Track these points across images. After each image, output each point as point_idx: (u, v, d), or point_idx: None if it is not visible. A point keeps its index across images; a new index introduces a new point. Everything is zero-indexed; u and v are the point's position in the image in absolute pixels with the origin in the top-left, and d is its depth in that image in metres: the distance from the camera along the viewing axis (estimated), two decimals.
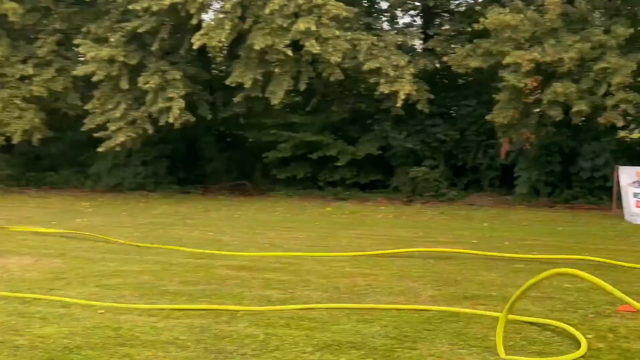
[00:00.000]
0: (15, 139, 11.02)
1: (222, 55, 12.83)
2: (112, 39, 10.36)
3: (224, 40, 9.89)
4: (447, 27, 11.51)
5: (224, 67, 12.64)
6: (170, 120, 10.14)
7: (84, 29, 10.90)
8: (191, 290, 4.70)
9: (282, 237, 7.32)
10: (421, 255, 5.99)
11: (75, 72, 10.75)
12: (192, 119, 10.55)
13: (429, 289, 4.58)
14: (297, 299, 4.31)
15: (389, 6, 11.87)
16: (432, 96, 10.66)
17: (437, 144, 11.32)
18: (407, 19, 12.66)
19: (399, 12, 12.16)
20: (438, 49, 10.83)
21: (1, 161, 12.59)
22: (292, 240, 7.07)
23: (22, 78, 11.01)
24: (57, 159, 12.56)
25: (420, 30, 12.06)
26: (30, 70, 10.92)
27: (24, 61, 11.11)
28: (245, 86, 9.97)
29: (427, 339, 3.36)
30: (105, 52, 10.19)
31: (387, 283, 4.77)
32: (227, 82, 10.25)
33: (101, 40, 10.56)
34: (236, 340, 3.45)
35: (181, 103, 10.08)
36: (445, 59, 10.59)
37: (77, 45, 10.81)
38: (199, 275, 5.22)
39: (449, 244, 6.71)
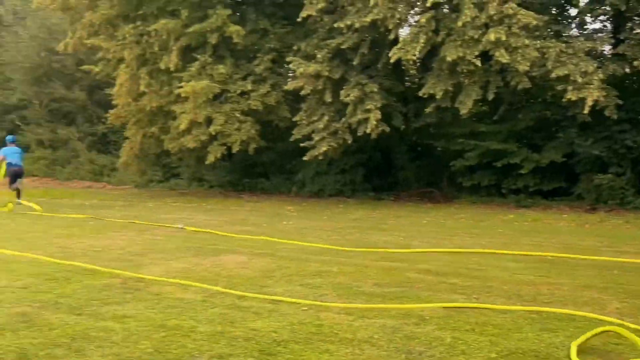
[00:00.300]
0: (235, 149, 13.40)
1: (415, 67, 14.17)
2: (318, 56, 12.22)
3: (418, 53, 11.04)
4: (638, 31, 11.43)
5: (416, 80, 13.94)
6: (368, 130, 11.64)
7: (295, 47, 13.00)
8: (384, 291, 5.31)
9: (466, 243, 8.01)
10: (606, 266, 6.27)
11: (286, 87, 12.92)
12: (387, 129, 11.89)
13: (614, 301, 4.82)
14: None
15: (579, 12, 12.20)
16: (620, 102, 10.79)
17: (625, 150, 11.53)
18: (597, 25, 12.83)
19: (588, 18, 12.39)
20: (628, 53, 10.83)
21: (223, 169, 15.76)
22: (476, 246, 7.71)
23: (242, 93, 13.36)
24: (268, 167, 15.25)
25: (610, 35, 12.04)
26: (249, 86, 13.27)
27: (244, 78, 13.52)
28: (437, 97, 11.07)
29: (614, 352, 3.56)
30: (312, 67, 12.09)
31: (570, 292, 5.09)
32: (420, 93, 11.48)
33: (309, 57, 12.50)
34: (425, 342, 3.85)
35: (378, 114, 11.51)
36: (635, 63, 10.64)
37: (289, 62, 12.89)
38: (391, 278, 5.85)
39: (635, 254, 6.86)
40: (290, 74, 13.60)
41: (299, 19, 12.40)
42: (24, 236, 9.02)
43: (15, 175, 13.65)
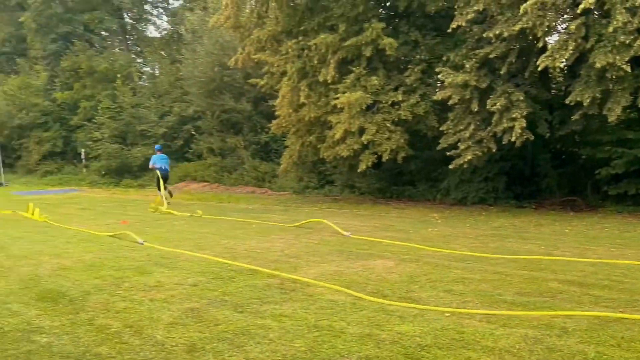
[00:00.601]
0: (385, 157, 15.05)
1: (562, 75, 14.97)
2: (467, 65, 13.42)
3: (566, 60, 11.84)
4: None
5: (563, 87, 14.71)
6: (512, 139, 12.64)
7: (444, 58, 14.43)
8: (525, 301, 5.69)
9: (610, 253, 8.33)
10: None
11: (434, 97, 14.31)
12: (531, 137, 12.80)
13: None
14: (626, 320, 5.00)
15: None
16: None
17: None
18: None
19: None
20: None
21: (373, 176, 17.82)
22: (621, 257, 8.02)
23: (393, 104, 15.01)
24: (415, 174, 16.94)
25: None
26: (399, 97, 14.87)
27: (395, 89, 15.18)
28: (584, 104, 11.76)
29: None
30: (460, 77, 13.30)
31: None
32: (567, 101, 12.19)
33: (457, 67, 13.79)
34: (567, 355, 4.06)
35: (523, 122, 12.47)
36: None
37: (438, 73, 14.21)
38: (533, 287, 6.24)
39: None
40: (439, 84, 15.04)
41: (448, 30, 13.70)
42: (195, 237, 10.85)
43: (163, 178, 18.11)
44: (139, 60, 35.02)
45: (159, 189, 18.05)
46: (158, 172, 18.08)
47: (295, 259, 8.44)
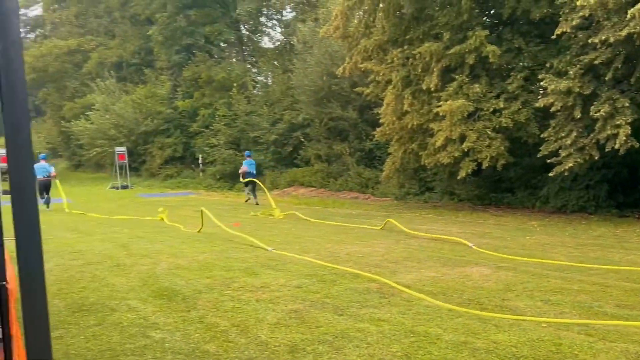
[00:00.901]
0: (485, 164, 15.20)
1: None
2: (570, 72, 13.33)
3: None
4: None
5: None
6: (616, 146, 12.40)
7: (547, 64, 14.41)
8: (627, 314, 5.59)
9: None
10: None
11: (536, 104, 14.29)
12: (637, 144, 12.49)
13: None
14: None
15: None
16: None
17: None
18: None
19: None
20: None
21: (472, 183, 17.91)
22: None
23: (494, 111, 15.13)
24: (514, 182, 16.83)
25: None
26: (501, 104, 14.96)
27: (497, 96, 15.28)
28: None
29: None
30: (563, 84, 13.24)
31: None
32: None
33: (561, 74, 13.72)
34: None
35: (628, 129, 12.21)
36: None
37: (541, 80, 14.13)
38: (635, 300, 6.10)
39: None
40: (541, 91, 14.99)
41: (552, 36, 13.67)
42: (301, 240, 11.45)
43: (252, 182, 21.17)
44: (253, 70, 36.82)
45: (252, 190, 21.28)
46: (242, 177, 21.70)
47: (394, 264, 8.67)
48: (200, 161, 32.92)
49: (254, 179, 21.37)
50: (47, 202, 20.47)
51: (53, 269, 9.00)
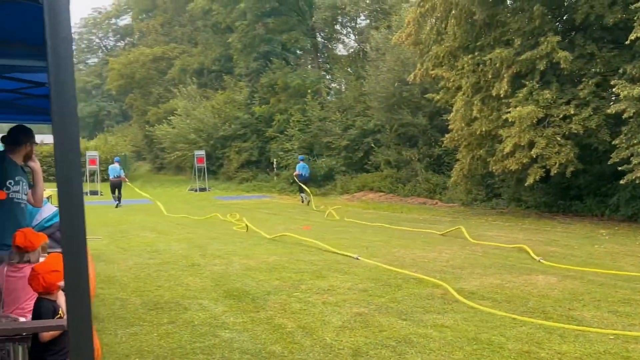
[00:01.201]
0: (553, 171, 14.99)
1: None
2: None
3: None
4: None
5: None
6: None
7: (620, 70, 14.09)
8: None
9: None
10: None
11: (608, 111, 14.00)
12: None
13: None
14: None
15: None
16: None
17: None
18: None
19: None
20: None
21: (539, 190, 17.64)
22: None
23: (564, 117, 14.95)
24: (583, 189, 16.44)
25: None
26: (571, 111, 14.75)
27: (568, 102, 15.07)
28: None
29: None
30: (637, 90, 12.91)
31: None
32: None
33: (634, 80, 13.42)
34: None
35: None
36: None
37: (613, 86, 13.88)
38: None
39: None
40: (613, 98, 14.66)
41: (626, 42, 13.44)
42: (368, 244, 11.67)
43: (304, 183, 23.49)
44: (327, 76, 37.42)
45: (301, 191, 23.78)
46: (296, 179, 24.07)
47: (459, 270, 8.68)
48: (274, 165, 33.72)
49: (300, 183, 23.72)
50: (118, 200, 22.00)
51: (132, 267, 9.56)
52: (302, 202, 23.77)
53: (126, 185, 25.88)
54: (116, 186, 22.88)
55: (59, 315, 3.56)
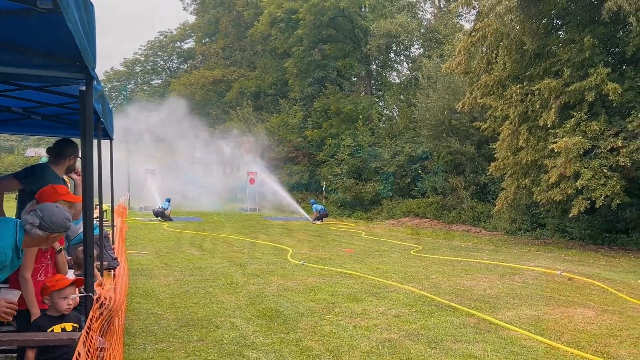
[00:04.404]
0: (598, 203, 14.64)
1: None
2: None
3: None
4: None
5: None
6: None
7: None
8: None
9: None
10: None
11: None
12: None
13: None
14: None
15: None
16: None
17: None
18: None
19: None
20: None
21: (585, 222, 17.23)
22: None
23: (612, 149, 14.63)
24: (630, 222, 16.02)
25: None
26: (619, 143, 14.45)
27: (616, 134, 14.76)
28: None
29: None
30: None
31: None
32: None
33: None
34: None
35: None
36: None
37: None
38: None
39: None
40: None
41: None
42: (406, 270, 11.61)
43: (323, 217, 26.32)
44: (380, 103, 37.65)
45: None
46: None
47: (495, 299, 8.52)
48: (323, 188, 33.96)
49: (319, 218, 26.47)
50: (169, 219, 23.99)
51: (172, 282, 9.72)
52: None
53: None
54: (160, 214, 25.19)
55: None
